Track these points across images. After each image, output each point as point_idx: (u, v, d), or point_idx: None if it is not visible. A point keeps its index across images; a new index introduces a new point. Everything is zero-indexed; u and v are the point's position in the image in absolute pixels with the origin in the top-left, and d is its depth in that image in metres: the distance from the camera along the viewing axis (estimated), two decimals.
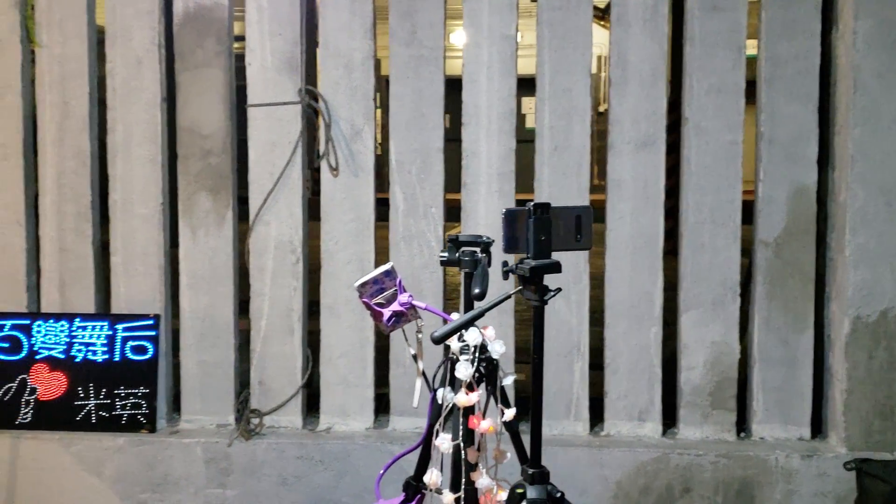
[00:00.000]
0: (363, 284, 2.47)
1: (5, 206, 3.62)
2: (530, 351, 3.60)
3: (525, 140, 3.83)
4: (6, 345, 3.61)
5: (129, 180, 3.59)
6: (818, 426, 3.61)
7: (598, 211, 3.59)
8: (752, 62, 3.52)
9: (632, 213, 3.56)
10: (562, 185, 3.56)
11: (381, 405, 3.73)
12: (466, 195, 3.59)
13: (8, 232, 3.63)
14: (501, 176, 3.57)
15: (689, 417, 3.59)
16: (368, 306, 2.50)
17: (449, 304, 3.74)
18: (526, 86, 3.67)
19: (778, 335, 3.55)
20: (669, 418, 3.65)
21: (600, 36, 3.65)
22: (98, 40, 3.62)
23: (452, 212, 3.64)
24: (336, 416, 3.64)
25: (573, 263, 3.56)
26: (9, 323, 3.62)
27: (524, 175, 3.52)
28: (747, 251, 3.64)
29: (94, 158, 3.63)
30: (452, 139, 3.67)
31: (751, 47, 3.49)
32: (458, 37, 3.65)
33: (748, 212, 3.57)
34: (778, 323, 3.55)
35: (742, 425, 3.64)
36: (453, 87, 3.55)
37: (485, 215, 3.56)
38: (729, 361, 3.57)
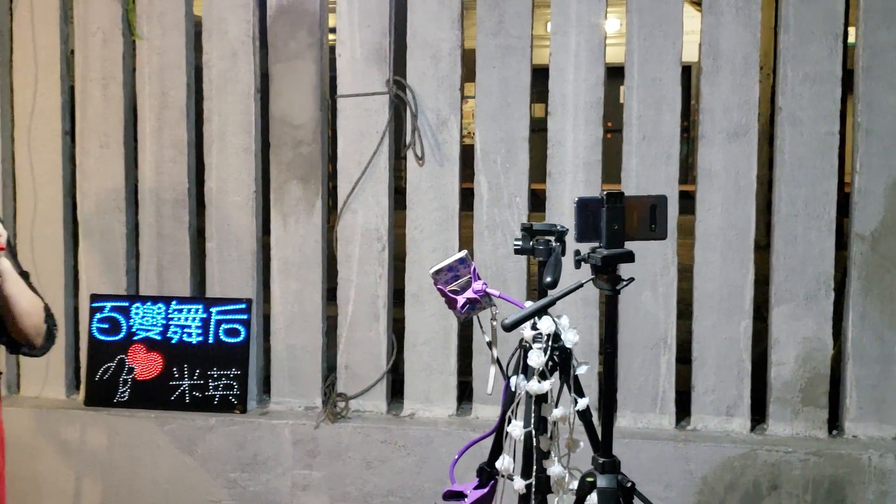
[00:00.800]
0: (438, 271, 2.51)
1: (107, 192, 3.79)
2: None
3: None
4: (106, 326, 3.78)
5: (224, 169, 3.72)
6: None
7: (688, 201, 3.60)
8: (850, 51, 3.42)
9: (722, 204, 3.51)
10: (650, 175, 3.53)
11: (465, 392, 3.77)
12: (551, 185, 3.59)
13: (109, 217, 3.81)
14: (588, 166, 3.56)
15: (778, 413, 3.52)
16: (443, 293, 2.53)
17: (533, 294, 3.75)
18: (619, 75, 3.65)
19: (874, 331, 3.45)
20: (758, 414, 3.58)
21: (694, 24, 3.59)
22: (195, 32, 3.75)
23: (538, 201, 3.66)
24: (419, 402, 3.70)
25: (661, 254, 3.52)
26: (108, 305, 3.80)
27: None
28: (843, 245, 3.54)
29: (191, 147, 3.77)
30: (539, 129, 3.68)
31: (850, 35, 3.39)
32: (546, 26, 3.64)
33: (843, 204, 3.48)
34: (874, 319, 3.44)
35: (834, 423, 3.55)
36: (541, 75, 3.57)
37: (570, 205, 3.54)
38: (821, 357, 3.48)
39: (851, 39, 3.40)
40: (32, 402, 3.83)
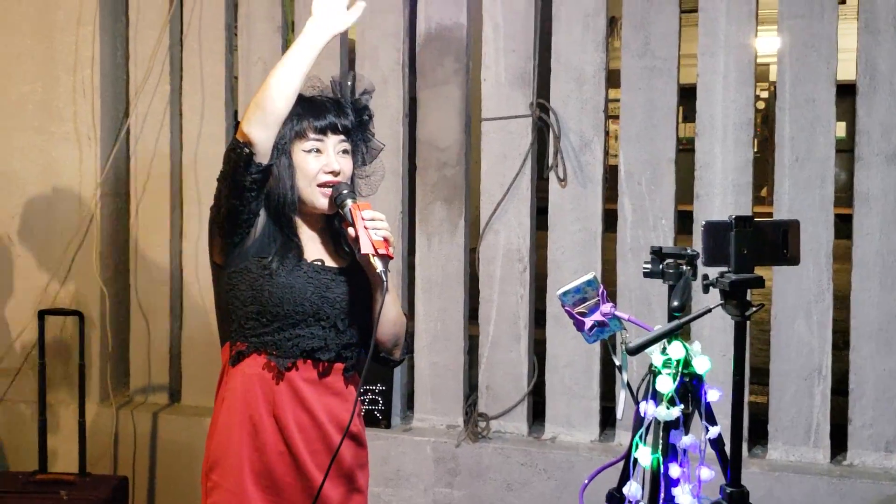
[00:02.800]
0: (565, 293, 2.52)
1: None
2: (767, 371, 3.51)
3: None
4: None
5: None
6: None
7: (845, 225, 3.47)
8: None
9: (881, 228, 3.36)
10: (803, 199, 3.42)
11: (608, 418, 3.74)
12: (699, 207, 3.53)
13: None
14: (737, 188, 3.48)
15: None
16: (571, 315, 2.54)
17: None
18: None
19: None
20: None
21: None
22: (349, 59, 3.92)
23: (685, 224, 3.60)
24: (561, 425, 3.70)
25: (815, 281, 3.40)
26: None
27: None
28: None
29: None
30: (686, 149, 3.63)
31: None
32: (693, 46, 3.60)
33: None
34: None
35: None
36: (688, 94, 3.54)
37: None
38: None
39: None
40: (192, 411, 4.07)
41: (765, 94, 10.17)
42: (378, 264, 2.20)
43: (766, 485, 3.39)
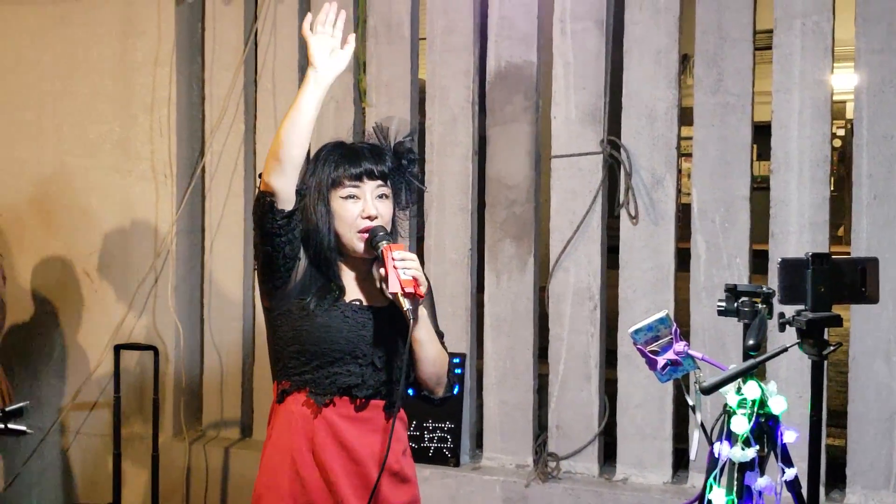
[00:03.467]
0: (637, 331, 2.51)
1: None
2: (844, 413, 3.43)
3: None
4: None
5: (443, 227, 3.89)
6: None
7: None
8: None
9: None
10: (882, 237, 3.36)
11: (681, 460, 3.69)
12: (774, 245, 3.49)
13: None
14: (814, 226, 3.44)
15: None
16: (643, 353, 2.53)
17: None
18: None
19: None
20: None
21: None
22: (419, 98, 3.98)
23: (759, 263, 3.56)
24: (632, 466, 3.66)
25: (894, 321, 3.33)
26: None
27: None
28: None
29: (413, 206, 3.97)
30: (760, 187, 3.60)
31: None
32: (767, 83, 3.58)
33: None
34: None
35: None
36: (762, 132, 3.51)
37: None
38: None
39: None
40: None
41: (841, 132, 10.06)
42: (405, 303, 2.25)
43: None
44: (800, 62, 3.44)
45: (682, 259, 3.63)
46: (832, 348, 2.25)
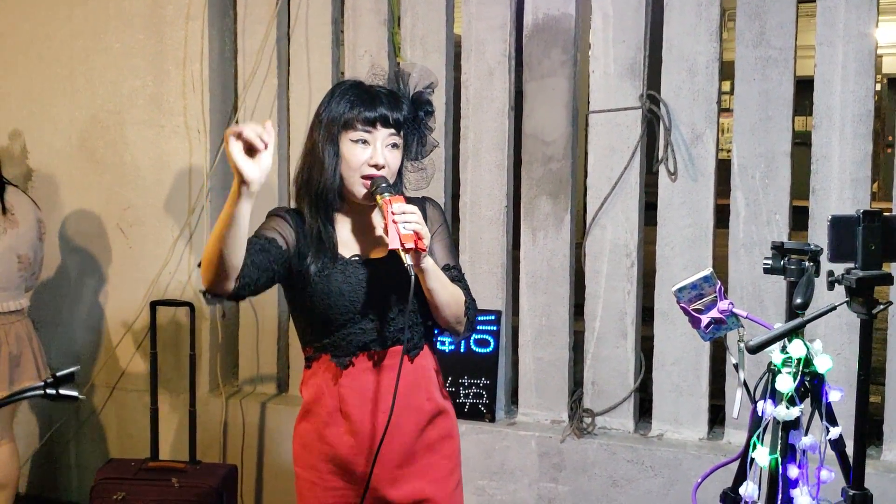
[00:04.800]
0: (681, 289, 2.51)
1: None
2: (882, 370, 3.43)
3: None
4: None
5: (478, 184, 3.88)
6: None
7: None
8: None
9: None
10: None
11: (717, 416, 3.71)
12: (815, 202, 3.47)
13: None
14: (855, 182, 3.41)
15: None
16: (686, 311, 2.53)
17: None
18: None
19: None
20: None
21: None
22: (454, 52, 3.95)
23: (799, 219, 3.54)
24: (668, 423, 3.69)
25: None
26: None
27: None
28: None
29: (448, 163, 3.97)
30: (802, 143, 3.57)
31: None
32: (809, 37, 3.52)
33: None
34: None
35: None
36: (804, 87, 3.47)
37: None
38: None
39: None
40: (300, 401, 4.14)
41: (877, 87, 9.87)
42: (406, 258, 2.21)
43: (881, 486, 3.31)
44: (844, 15, 3.38)
45: (721, 216, 3.62)
46: (882, 307, 2.25)
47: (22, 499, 4.40)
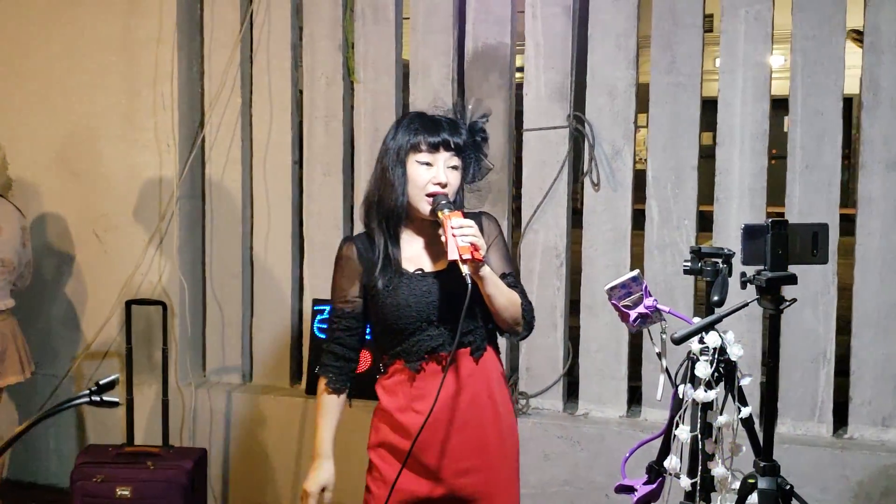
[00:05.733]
0: (612, 288, 2.55)
1: (329, 213, 4.04)
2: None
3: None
4: (325, 325, 4.02)
5: None
6: None
7: (848, 224, 3.50)
8: None
9: (881, 229, 3.39)
10: (812, 202, 3.45)
11: (634, 396, 3.79)
12: (718, 209, 3.56)
13: (329, 234, 4.04)
14: (753, 191, 3.52)
15: None
16: (617, 308, 2.57)
17: (699, 309, 3.73)
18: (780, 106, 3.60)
19: None
20: None
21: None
22: (404, 75, 3.95)
23: (705, 223, 3.64)
24: (593, 403, 3.75)
25: (822, 275, 3.44)
26: (328, 308, 4.03)
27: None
28: None
29: None
30: (707, 156, 3.66)
31: None
32: (715, 61, 3.62)
33: None
34: None
35: None
36: (710, 106, 3.56)
37: (735, 228, 3.51)
38: None
39: None
40: (262, 390, 4.13)
41: None
42: (464, 269, 2.22)
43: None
44: (743, 45, 3.49)
45: (637, 220, 3.69)
46: (788, 303, 2.32)
47: (3, 483, 4.26)
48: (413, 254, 2.44)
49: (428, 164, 2.35)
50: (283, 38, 4.02)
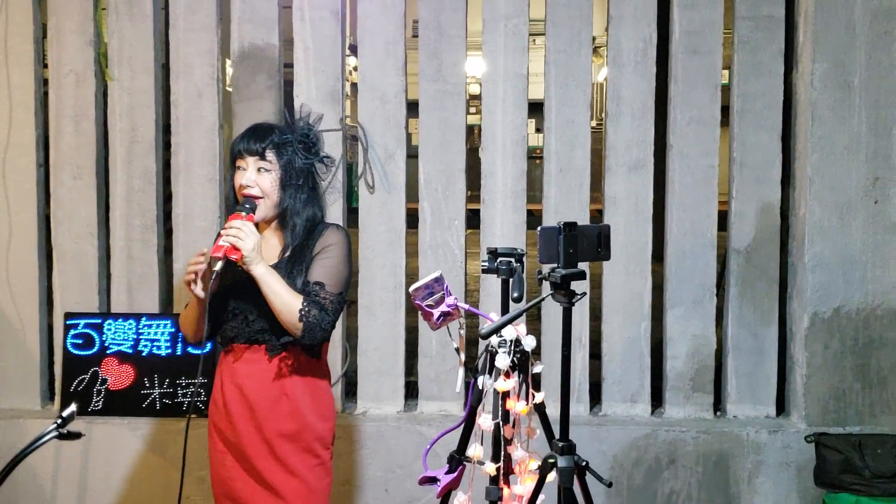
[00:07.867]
0: (416, 289, 2.69)
1: (80, 219, 3.82)
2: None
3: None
4: (80, 341, 3.81)
5: (190, 196, 3.80)
6: (782, 406, 3.91)
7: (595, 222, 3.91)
8: (725, 90, 3.79)
9: (625, 225, 3.83)
10: (566, 202, 3.82)
11: (410, 391, 3.97)
12: (485, 209, 3.83)
13: (82, 242, 3.83)
14: (515, 193, 3.82)
15: (673, 399, 3.87)
16: (420, 307, 2.73)
17: (467, 301, 3.99)
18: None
19: (748, 329, 3.83)
20: (657, 400, 3.91)
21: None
22: (164, 73, 3.83)
23: (474, 220, 3.89)
24: (371, 401, 3.88)
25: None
26: (83, 322, 3.82)
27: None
28: (722, 258, 3.92)
29: (159, 177, 3.84)
30: (476, 158, 3.92)
31: (725, 77, 3.76)
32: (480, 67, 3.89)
33: (723, 224, 3.86)
34: (748, 318, 3.83)
35: (718, 406, 3.93)
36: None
37: (500, 226, 3.82)
38: (707, 351, 3.85)
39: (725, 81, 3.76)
40: (9, 413, 3.81)
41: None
42: (218, 265, 2.43)
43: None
44: (503, 57, 3.78)
45: (411, 221, 3.88)
46: (579, 297, 2.59)
47: None
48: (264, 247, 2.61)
49: (241, 168, 2.60)
50: (24, 31, 3.75)
